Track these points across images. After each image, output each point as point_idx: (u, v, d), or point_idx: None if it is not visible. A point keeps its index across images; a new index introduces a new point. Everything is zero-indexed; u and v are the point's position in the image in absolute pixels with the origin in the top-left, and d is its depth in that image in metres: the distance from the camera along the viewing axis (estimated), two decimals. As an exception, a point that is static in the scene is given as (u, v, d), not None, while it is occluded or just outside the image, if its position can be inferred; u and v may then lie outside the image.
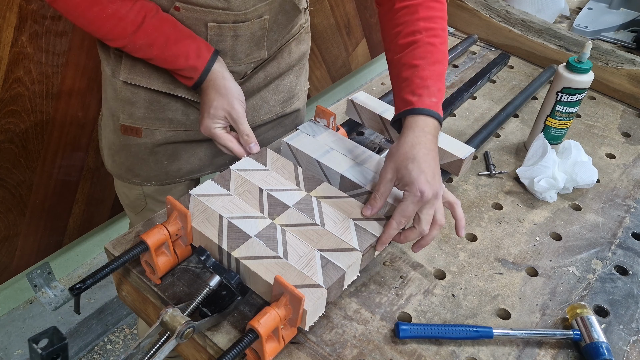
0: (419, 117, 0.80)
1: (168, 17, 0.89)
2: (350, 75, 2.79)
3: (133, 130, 1.02)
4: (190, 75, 0.90)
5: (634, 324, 0.84)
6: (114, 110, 1.02)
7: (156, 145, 1.04)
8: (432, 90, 0.82)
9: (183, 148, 1.07)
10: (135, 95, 0.99)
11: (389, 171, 0.80)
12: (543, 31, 1.52)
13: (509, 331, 0.78)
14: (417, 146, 0.78)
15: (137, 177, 1.09)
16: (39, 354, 0.58)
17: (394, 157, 0.79)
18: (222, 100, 0.89)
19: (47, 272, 1.81)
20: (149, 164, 1.07)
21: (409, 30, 0.86)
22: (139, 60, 0.94)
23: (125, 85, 0.98)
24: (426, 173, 0.77)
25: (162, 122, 1.02)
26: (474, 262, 0.91)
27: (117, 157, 1.08)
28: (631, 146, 1.24)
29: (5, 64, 1.30)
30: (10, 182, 1.47)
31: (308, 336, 0.77)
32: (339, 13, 2.32)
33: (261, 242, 0.77)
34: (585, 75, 1.07)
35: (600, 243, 0.97)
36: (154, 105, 1.00)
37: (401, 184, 0.79)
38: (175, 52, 0.88)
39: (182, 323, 0.67)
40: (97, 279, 0.72)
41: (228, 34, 0.93)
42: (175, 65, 0.90)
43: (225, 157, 1.12)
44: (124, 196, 1.18)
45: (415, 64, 0.83)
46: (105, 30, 0.85)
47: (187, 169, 1.10)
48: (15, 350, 1.73)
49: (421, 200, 0.76)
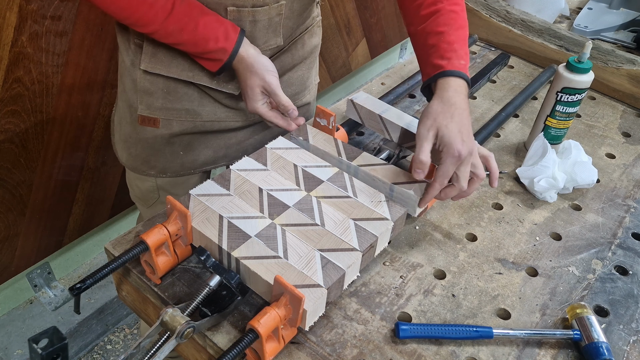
0: (451, 78, 0.85)
1: (195, 1, 0.91)
2: (350, 75, 2.79)
3: (150, 121, 1.04)
4: (219, 57, 0.93)
5: (634, 324, 0.84)
6: (132, 102, 1.04)
7: (173, 136, 1.07)
8: (460, 54, 0.88)
9: (198, 139, 1.09)
10: (154, 85, 1.01)
11: (430, 129, 0.82)
12: (543, 31, 1.52)
13: (509, 331, 0.78)
14: (453, 106, 0.83)
15: (152, 168, 1.12)
16: (39, 354, 0.58)
17: (432, 116, 0.83)
18: (255, 78, 0.94)
19: (47, 272, 1.82)
20: (165, 155, 1.09)
21: (430, 0, 0.92)
22: (159, 49, 0.97)
23: (144, 75, 1.00)
24: (462, 132, 0.81)
25: (179, 112, 1.04)
26: (474, 262, 0.91)
27: (133, 150, 1.10)
28: (631, 146, 1.24)
29: (5, 64, 1.30)
30: (10, 182, 1.47)
31: (308, 336, 0.77)
32: (339, 13, 2.32)
33: (261, 242, 0.77)
34: (585, 75, 1.07)
35: (600, 243, 0.97)
36: (172, 96, 1.02)
37: (439, 144, 0.82)
38: (205, 36, 0.91)
39: (182, 323, 0.67)
40: (97, 279, 0.72)
41: (247, 19, 0.95)
42: (206, 48, 0.92)
43: (239, 149, 1.14)
44: (137, 189, 1.20)
45: (440, 30, 0.89)
46: (137, 16, 0.88)
47: (201, 160, 1.12)
48: (15, 350, 1.73)
49: (459, 160, 0.81)
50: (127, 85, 1.04)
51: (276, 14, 0.98)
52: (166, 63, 0.99)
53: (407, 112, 1.28)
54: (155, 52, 0.98)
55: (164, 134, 1.06)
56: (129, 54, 1.01)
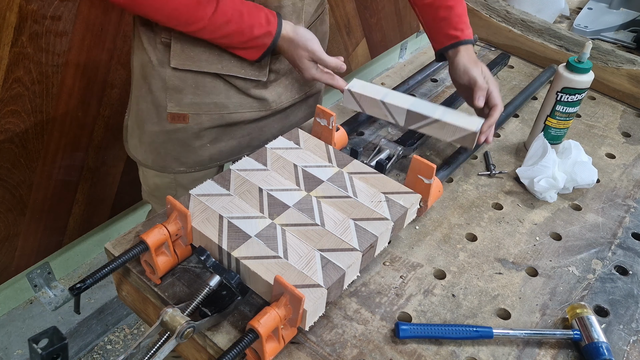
0: (466, 46, 1.07)
1: None
2: (350, 75, 2.79)
3: (180, 117, 1.07)
4: (264, 42, 0.97)
5: (634, 324, 0.84)
6: (160, 101, 1.06)
7: (202, 130, 1.09)
8: (468, 25, 1.09)
9: (223, 131, 1.12)
10: (184, 82, 1.04)
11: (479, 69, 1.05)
12: (543, 31, 1.52)
13: (509, 331, 0.78)
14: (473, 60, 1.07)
15: (183, 164, 1.14)
16: (39, 354, 0.58)
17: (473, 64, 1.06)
18: (299, 50, 0.99)
19: (47, 272, 1.81)
20: (195, 149, 1.12)
21: None
22: (187, 45, 1.00)
23: (174, 73, 1.03)
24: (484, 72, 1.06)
25: (208, 106, 1.07)
26: (474, 262, 0.91)
27: (162, 149, 1.12)
28: (631, 146, 1.24)
29: (5, 64, 1.30)
30: (10, 182, 1.47)
31: (308, 336, 0.77)
32: (339, 13, 2.32)
33: (261, 242, 0.77)
34: (585, 75, 1.07)
35: (600, 243, 0.97)
36: (200, 90, 1.05)
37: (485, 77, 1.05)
38: (250, 23, 0.95)
39: (182, 323, 0.67)
40: (97, 279, 0.72)
41: (272, 5, 1.00)
42: (252, 35, 0.96)
43: (261, 138, 1.17)
44: (153, 186, 1.21)
45: (449, 4, 1.07)
46: (187, 17, 0.92)
47: (227, 151, 1.15)
48: (15, 350, 1.73)
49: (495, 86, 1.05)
50: (155, 85, 1.06)
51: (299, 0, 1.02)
52: (195, 58, 1.01)
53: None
54: (183, 49, 1.00)
55: (193, 128, 1.09)
56: (156, 54, 1.03)
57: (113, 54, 1.51)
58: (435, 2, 1.08)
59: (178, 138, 1.10)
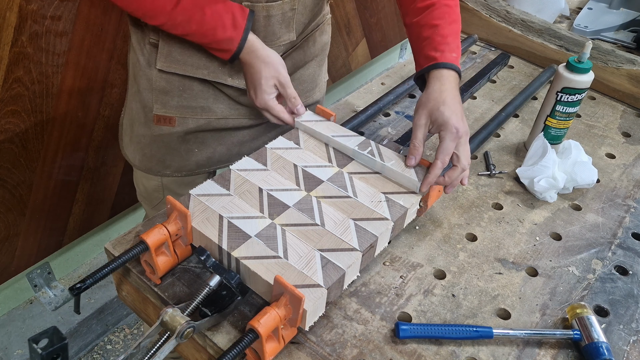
0: (443, 70, 0.90)
1: None
2: (350, 75, 2.79)
3: (166, 120, 1.05)
4: (228, 47, 0.92)
5: (634, 324, 0.84)
6: (147, 102, 1.05)
7: (188, 133, 1.07)
8: (452, 47, 0.92)
9: (212, 136, 1.10)
10: (170, 84, 1.02)
11: (422, 117, 0.87)
12: (543, 31, 1.52)
13: (509, 331, 0.78)
14: (445, 92, 0.87)
15: (168, 168, 1.12)
16: (39, 354, 0.58)
17: (426, 104, 0.88)
18: (268, 69, 0.93)
19: (47, 272, 1.81)
20: (180, 154, 1.10)
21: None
22: (175, 47, 0.97)
23: (160, 75, 1.01)
24: (457, 114, 0.86)
25: (194, 110, 1.05)
26: (474, 262, 0.91)
27: (147, 150, 1.10)
28: (631, 146, 1.24)
29: (5, 64, 1.30)
30: (10, 182, 1.47)
31: (308, 336, 0.77)
32: (339, 13, 2.32)
33: (261, 242, 0.77)
34: (585, 75, 1.07)
35: (600, 243, 0.97)
36: (187, 94, 1.03)
37: (435, 126, 0.87)
38: (212, 25, 0.90)
39: (182, 323, 0.67)
40: (97, 279, 0.72)
41: (261, 14, 0.96)
42: (214, 38, 0.91)
43: (252, 146, 1.14)
44: (142, 188, 1.20)
45: (435, 23, 0.93)
46: (147, 8, 0.88)
47: (216, 157, 1.13)
48: (15, 350, 1.73)
49: (457, 136, 0.85)
50: (142, 85, 1.04)
51: (289, 9, 0.99)
52: (182, 62, 0.99)
53: (407, 112, 1.28)
54: (170, 51, 0.98)
55: (179, 132, 1.07)
56: (144, 54, 1.02)
57: (113, 54, 1.51)
58: (421, 19, 0.95)
59: (163, 141, 1.08)
